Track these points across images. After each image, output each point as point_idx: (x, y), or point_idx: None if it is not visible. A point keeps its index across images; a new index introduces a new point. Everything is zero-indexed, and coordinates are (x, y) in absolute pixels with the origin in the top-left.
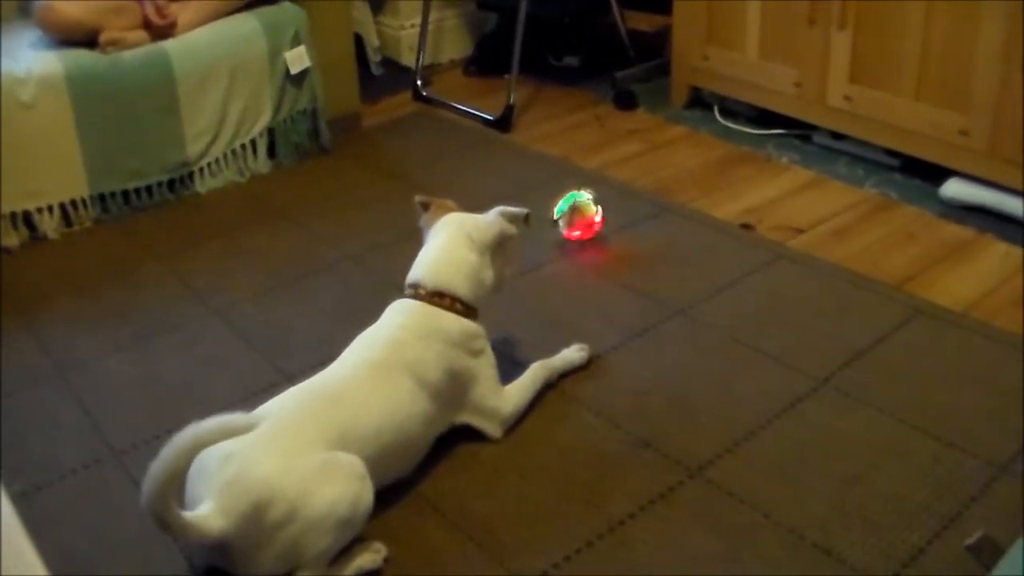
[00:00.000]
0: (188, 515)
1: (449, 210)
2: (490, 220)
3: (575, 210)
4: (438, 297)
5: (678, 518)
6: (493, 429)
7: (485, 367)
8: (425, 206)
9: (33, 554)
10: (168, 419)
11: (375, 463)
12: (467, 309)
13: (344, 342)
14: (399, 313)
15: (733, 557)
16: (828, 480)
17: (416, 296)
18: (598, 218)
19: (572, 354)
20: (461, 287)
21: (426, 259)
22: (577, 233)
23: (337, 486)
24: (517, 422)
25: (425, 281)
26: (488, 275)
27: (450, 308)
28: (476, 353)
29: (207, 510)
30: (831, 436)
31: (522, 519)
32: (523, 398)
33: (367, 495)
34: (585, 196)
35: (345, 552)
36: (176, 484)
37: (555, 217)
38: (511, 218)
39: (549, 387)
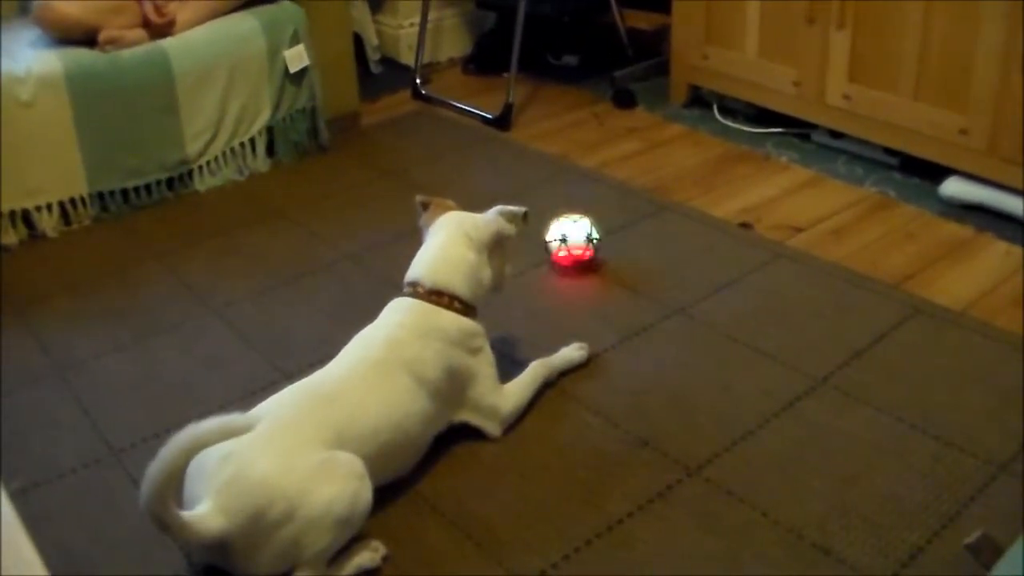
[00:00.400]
0: (186, 515)
1: (449, 209)
2: (488, 219)
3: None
4: (436, 295)
5: (677, 517)
6: (492, 427)
7: (484, 365)
8: (425, 205)
9: (32, 552)
10: (167, 418)
11: (373, 462)
12: (465, 307)
13: (343, 341)
14: (397, 312)
15: (732, 556)
16: (827, 479)
17: (414, 294)
18: (587, 250)
19: (572, 352)
20: (459, 285)
21: (424, 258)
22: (567, 253)
23: (335, 485)
24: (516, 421)
25: (423, 279)
26: (486, 274)
27: (448, 306)
28: (475, 351)
29: (205, 510)
30: (830, 435)
31: (521, 518)
32: (522, 396)
33: (366, 494)
34: (590, 232)
35: (344, 551)
36: (175, 485)
37: (552, 239)
38: (510, 217)
39: (549, 385)
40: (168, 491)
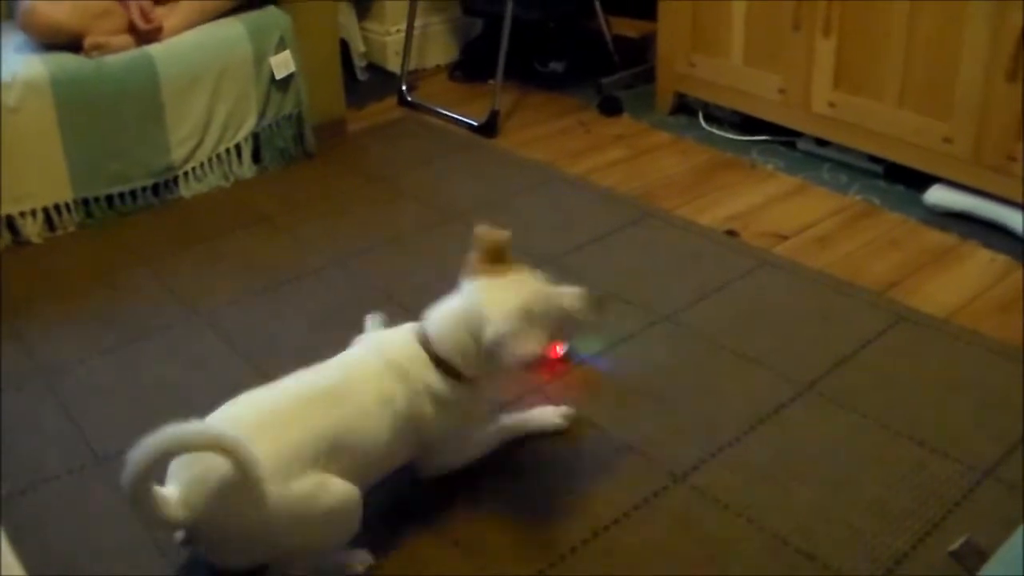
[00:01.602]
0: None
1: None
2: (563, 295)
3: None
4: (436, 359)
5: (662, 524)
6: (426, 468)
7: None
8: (490, 254)
9: (14, 559)
10: (152, 423)
11: (361, 478)
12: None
13: (328, 346)
14: (396, 341)
15: (717, 563)
16: (812, 486)
17: (421, 340)
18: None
19: (549, 416)
20: (459, 362)
21: (446, 319)
22: None
23: (323, 526)
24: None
25: (433, 338)
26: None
27: (438, 365)
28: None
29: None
30: (815, 442)
31: (506, 525)
32: (470, 455)
33: (353, 527)
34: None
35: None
36: (152, 474)
37: None
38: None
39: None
40: (149, 474)
